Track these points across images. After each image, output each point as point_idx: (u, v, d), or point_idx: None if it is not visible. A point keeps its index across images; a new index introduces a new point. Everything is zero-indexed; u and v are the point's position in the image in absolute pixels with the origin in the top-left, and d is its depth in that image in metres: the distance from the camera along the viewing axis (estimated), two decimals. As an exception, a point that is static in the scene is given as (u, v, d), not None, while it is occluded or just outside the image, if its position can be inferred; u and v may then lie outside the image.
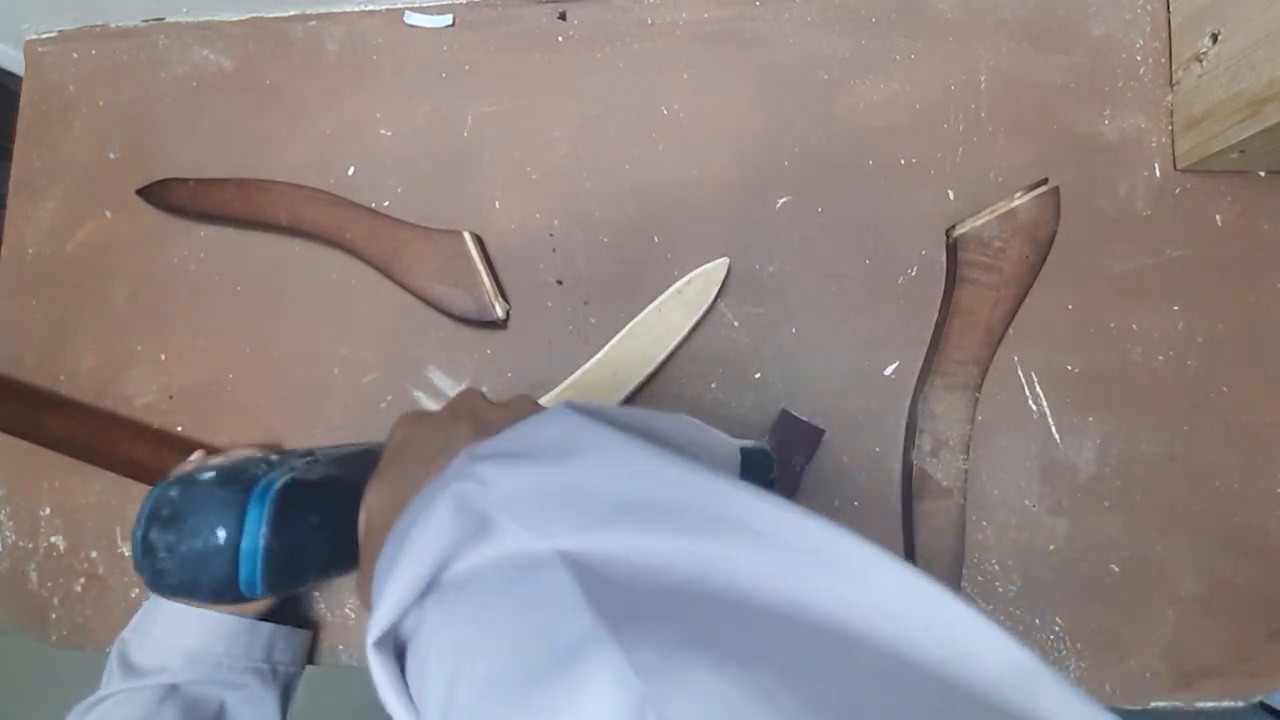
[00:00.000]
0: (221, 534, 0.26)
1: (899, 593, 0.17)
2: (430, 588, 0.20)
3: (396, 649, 0.20)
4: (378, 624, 0.20)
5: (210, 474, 0.28)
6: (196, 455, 0.52)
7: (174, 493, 0.27)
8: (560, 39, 0.56)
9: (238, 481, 0.28)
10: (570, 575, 0.17)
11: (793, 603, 0.17)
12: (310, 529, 0.28)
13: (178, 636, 0.44)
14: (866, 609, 0.16)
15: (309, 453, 0.31)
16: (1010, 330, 0.50)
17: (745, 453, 0.30)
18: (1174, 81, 0.51)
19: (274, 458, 0.30)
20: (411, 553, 0.20)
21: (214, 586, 0.27)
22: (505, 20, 0.57)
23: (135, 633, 0.45)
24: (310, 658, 0.52)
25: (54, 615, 0.56)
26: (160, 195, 0.57)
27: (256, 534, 0.27)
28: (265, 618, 0.47)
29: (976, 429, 0.50)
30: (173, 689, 0.43)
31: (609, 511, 0.19)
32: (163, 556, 0.27)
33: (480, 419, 0.28)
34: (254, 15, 0.60)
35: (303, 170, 0.57)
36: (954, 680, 0.15)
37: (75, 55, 0.61)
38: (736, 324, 0.52)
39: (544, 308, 0.54)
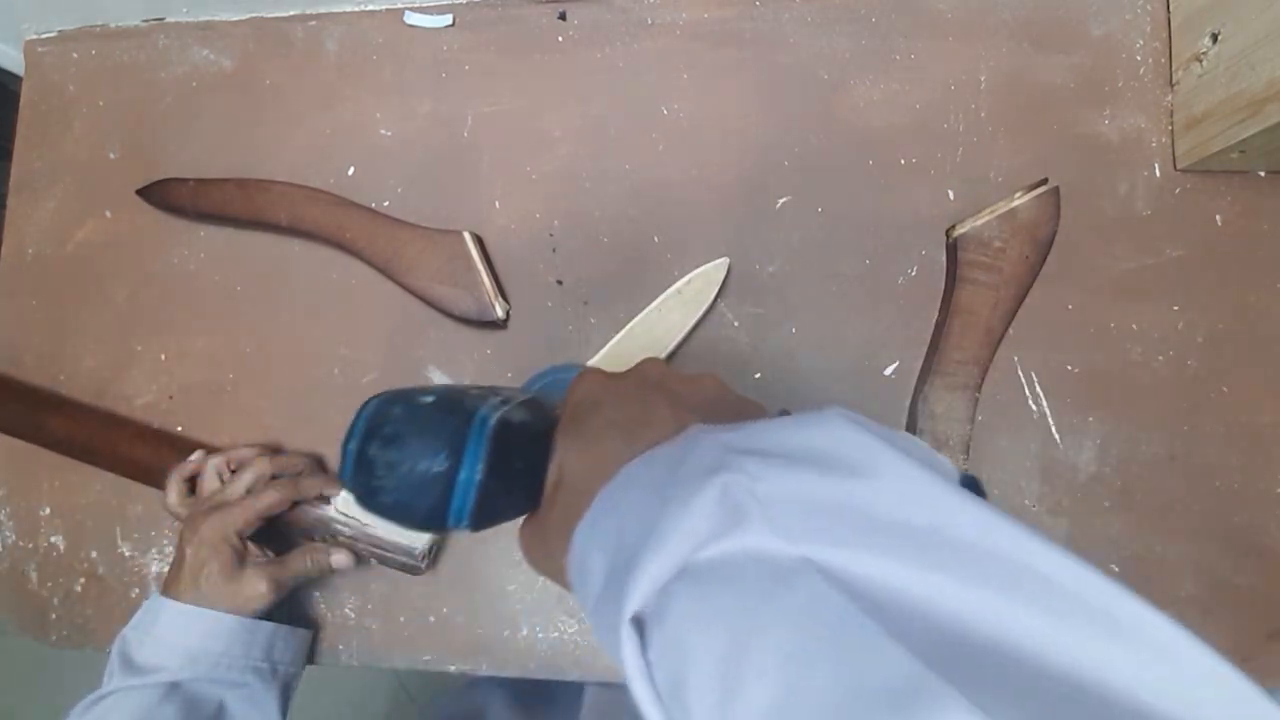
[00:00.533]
0: (443, 460, 0.26)
1: (1201, 679, 0.16)
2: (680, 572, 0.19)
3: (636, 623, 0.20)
4: (639, 597, 0.19)
5: (431, 398, 0.27)
6: (196, 455, 0.52)
7: (397, 410, 0.27)
8: (560, 39, 0.56)
9: (459, 411, 0.27)
10: (841, 594, 0.17)
11: (1088, 676, 0.15)
12: (515, 470, 0.28)
13: (178, 635, 0.44)
14: (1166, 693, 0.15)
15: (495, 390, 0.30)
16: (1010, 330, 0.50)
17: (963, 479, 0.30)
18: (1174, 81, 0.51)
19: (475, 391, 0.29)
20: (672, 533, 0.19)
21: (426, 512, 0.26)
22: (505, 20, 0.57)
23: (136, 631, 0.45)
24: (310, 657, 0.52)
25: (54, 615, 0.56)
26: (160, 195, 0.57)
27: (474, 466, 0.26)
28: (265, 617, 0.47)
29: (976, 429, 0.50)
30: (174, 687, 0.43)
31: (889, 536, 0.18)
32: (381, 474, 0.26)
33: (674, 393, 0.28)
34: (254, 15, 0.60)
35: (303, 170, 0.57)
36: None
37: (75, 55, 0.62)
38: (736, 324, 0.52)
39: (544, 308, 0.54)
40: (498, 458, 0.27)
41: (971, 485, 0.29)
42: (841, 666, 0.16)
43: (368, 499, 0.27)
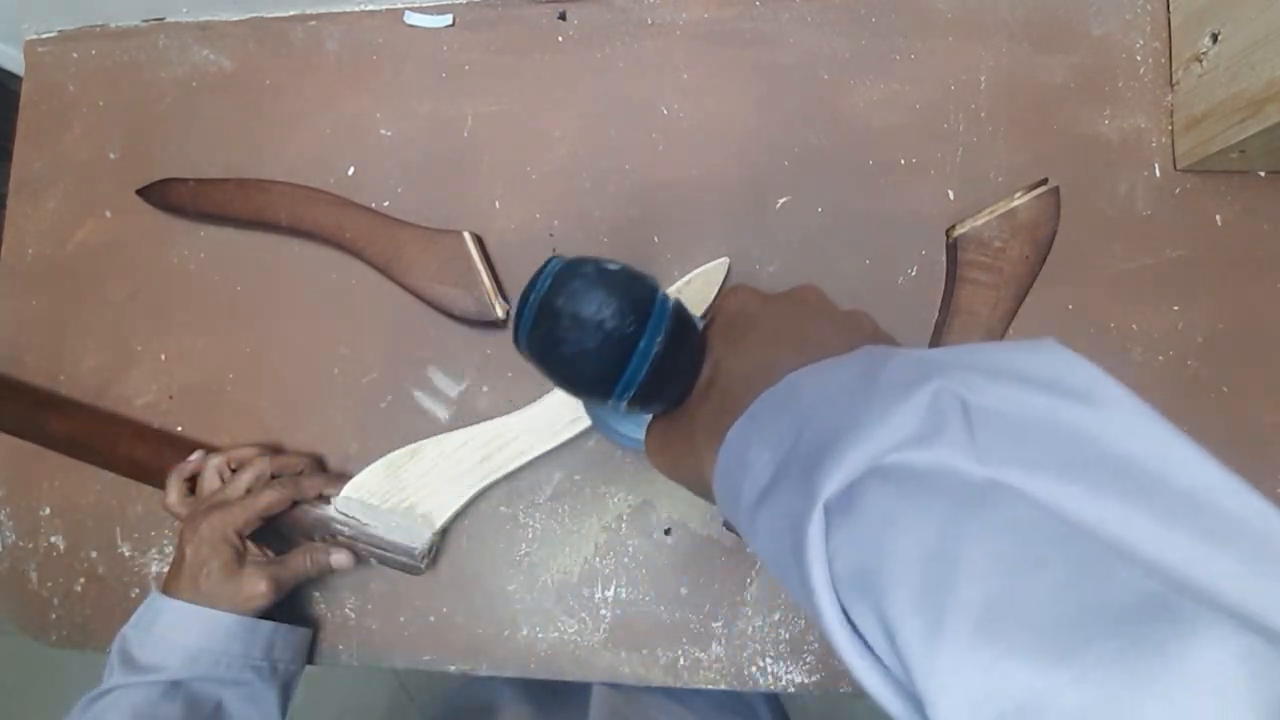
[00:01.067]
0: (630, 325, 0.26)
1: None
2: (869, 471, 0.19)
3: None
4: (830, 486, 0.19)
5: (617, 266, 0.27)
6: (196, 455, 0.52)
7: (588, 269, 0.27)
8: (560, 39, 0.56)
9: (644, 282, 0.27)
10: (1053, 516, 0.16)
11: None
12: (680, 356, 0.28)
13: (178, 634, 0.45)
14: None
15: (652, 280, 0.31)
16: (1010, 330, 0.50)
17: None
18: (1174, 81, 0.51)
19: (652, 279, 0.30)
20: (876, 429, 0.19)
21: (598, 373, 0.26)
22: (505, 20, 0.57)
23: (136, 629, 0.46)
24: (310, 658, 0.52)
25: (54, 615, 0.56)
26: (160, 195, 0.57)
27: (655, 338, 0.26)
28: (265, 616, 0.48)
29: (976, 429, 0.50)
30: (175, 685, 0.44)
31: (1105, 470, 0.17)
32: (566, 325, 0.26)
33: (837, 319, 0.29)
34: (254, 15, 0.60)
35: (303, 170, 0.57)
36: None
37: (75, 55, 0.62)
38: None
39: (544, 308, 0.54)
40: (674, 335, 0.27)
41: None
42: (1068, 576, 0.16)
43: (546, 349, 0.27)
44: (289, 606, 0.51)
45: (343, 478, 0.50)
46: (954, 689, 0.16)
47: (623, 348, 0.26)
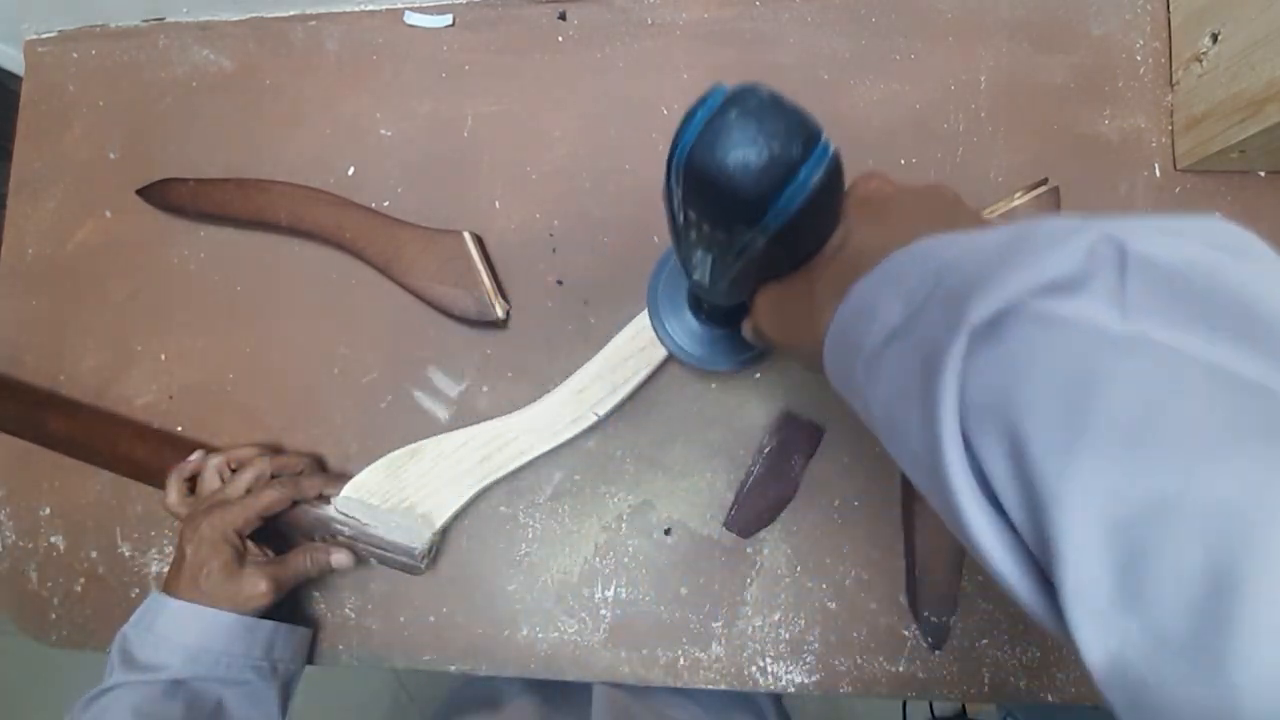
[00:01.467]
0: (798, 150, 0.26)
1: None
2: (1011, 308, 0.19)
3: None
4: (979, 309, 0.19)
5: (789, 100, 0.27)
6: (196, 455, 0.52)
7: (763, 92, 0.27)
8: (560, 39, 0.56)
9: (811, 121, 0.27)
10: (1200, 364, 0.16)
11: None
12: (831, 203, 0.28)
13: (179, 634, 0.45)
14: None
15: None
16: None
17: None
18: (1174, 81, 0.51)
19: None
20: (1030, 265, 0.19)
21: (758, 192, 0.26)
22: (505, 20, 0.57)
23: (136, 628, 0.46)
24: (310, 658, 0.52)
25: (54, 615, 0.56)
26: (160, 195, 0.57)
27: (816, 169, 0.26)
28: (265, 616, 0.48)
29: (976, 429, 0.50)
30: (176, 684, 0.44)
31: (1266, 329, 0.17)
32: (737, 135, 0.26)
33: (976, 214, 0.29)
34: (254, 15, 0.60)
35: (303, 170, 0.57)
36: None
37: (75, 55, 0.62)
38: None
39: (544, 308, 0.54)
40: (831, 178, 0.26)
41: None
42: (1218, 399, 0.15)
43: (714, 153, 0.26)
44: (289, 606, 0.51)
45: (343, 478, 0.50)
46: (1087, 488, 0.16)
47: (784, 171, 0.26)
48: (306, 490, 0.49)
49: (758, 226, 0.27)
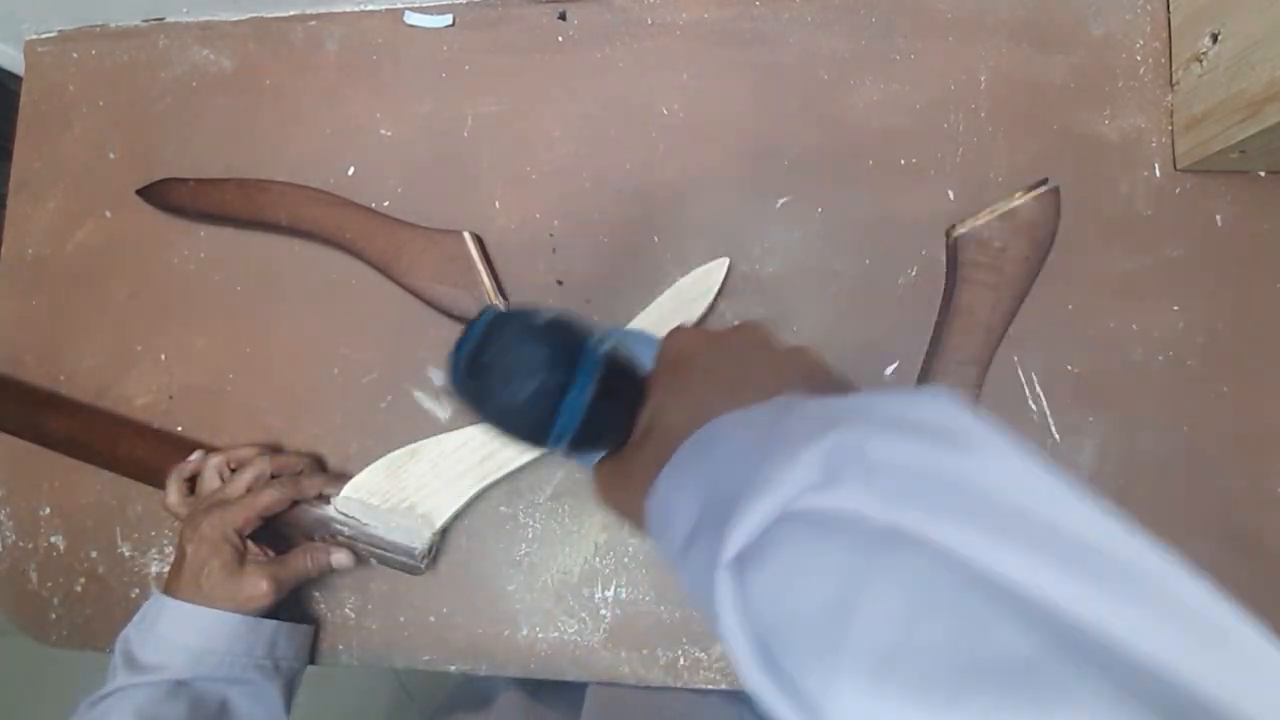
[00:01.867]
0: (556, 379, 0.27)
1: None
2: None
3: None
4: (737, 539, 0.20)
5: (548, 317, 0.28)
6: (196, 455, 0.52)
7: (517, 322, 0.28)
8: (560, 39, 0.56)
9: (573, 333, 0.28)
10: (946, 565, 0.17)
11: (1191, 683, 0.15)
12: (614, 403, 0.29)
13: (181, 634, 0.45)
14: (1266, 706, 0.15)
15: (599, 333, 0.31)
16: (1010, 330, 0.50)
17: None
18: (1174, 81, 0.51)
19: (581, 323, 0.30)
20: (778, 479, 0.20)
21: (529, 425, 0.27)
22: (505, 20, 0.57)
23: (138, 630, 0.46)
24: (310, 658, 0.52)
25: (54, 615, 0.56)
26: (160, 195, 0.57)
27: (583, 391, 0.27)
28: (267, 615, 0.48)
29: (976, 429, 0.50)
30: (179, 685, 0.44)
31: (997, 517, 0.18)
32: (496, 379, 0.27)
33: (776, 358, 0.29)
34: (254, 15, 0.60)
35: (303, 170, 0.57)
36: None
37: (75, 55, 0.62)
38: (736, 324, 0.52)
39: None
40: (605, 385, 0.27)
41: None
42: (956, 629, 0.16)
43: (478, 402, 0.27)
44: (290, 605, 0.51)
45: (343, 478, 0.50)
46: (845, 710, 0.17)
47: (553, 400, 0.27)
48: (306, 490, 0.49)
49: (546, 445, 0.28)
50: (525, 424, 0.27)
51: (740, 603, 0.20)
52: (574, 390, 0.27)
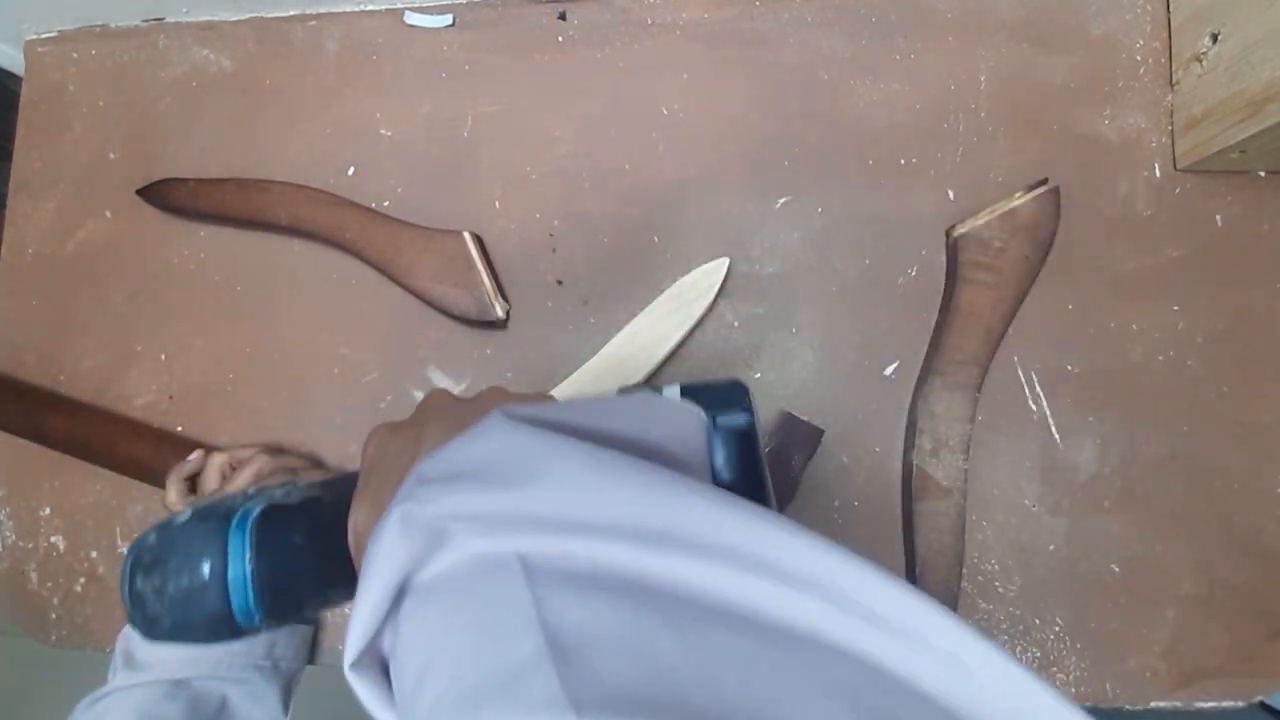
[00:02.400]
0: (206, 567, 0.26)
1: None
2: (401, 597, 0.20)
3: (382, 665, 0.20)
4: (351, 648, 0.20)
5: (186, 514, 0.27)
6: (195, 455, 0.52)
7: (152, 539, 0.27)
8: (560, 39, 0.56)
9: (215, 515, 0.27)
10: (524, 582, 0.17)
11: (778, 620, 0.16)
12: (296, 550, 0.28)
13: None
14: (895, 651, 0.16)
15: (287, 481, 0.31)
16: (1010, 330, 0.50)
17: (717, 421, 0.28)
18: (1174, 81, 0.51)
19: (251, 491, 0.30)
20: (369, 573, 0.20)
21: (209, 622, 0.26)
22: (505, 20, 0.57)
23: None
24: (311, 657, 0.52)
25: (54, 615, 0.56)
26: (160, 195, 0.57)
27: (242, 561, 0.26)
28: None
29: (976, 429, 0.50)
30: (177, 684, 0.44)
31: (565, 530, 0.19)
32: (152, 602, 0.26)
33: (450, 421, 0.27)
34: (254, 15, 0.60)
35: (303, 170, 0.57)
36: None
37: (75, 55, 0.61)
38: (736, 324, 0.52)
39: (544, 308, 0.54)
40: (269, 544, 0.26)
41: (736, 391, 0.28)
42: (491, 649, 0.16)
43: (150, 630, 0.26)
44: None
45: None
46: None
47: (214, 590, 0.26)
48: None
49: (242, 632, 0.27)
50: (203, 626, 0.26)
51: (374, 699, 0.20)
52: (230, 568, 0.25)
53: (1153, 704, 0.47)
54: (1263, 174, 0.50)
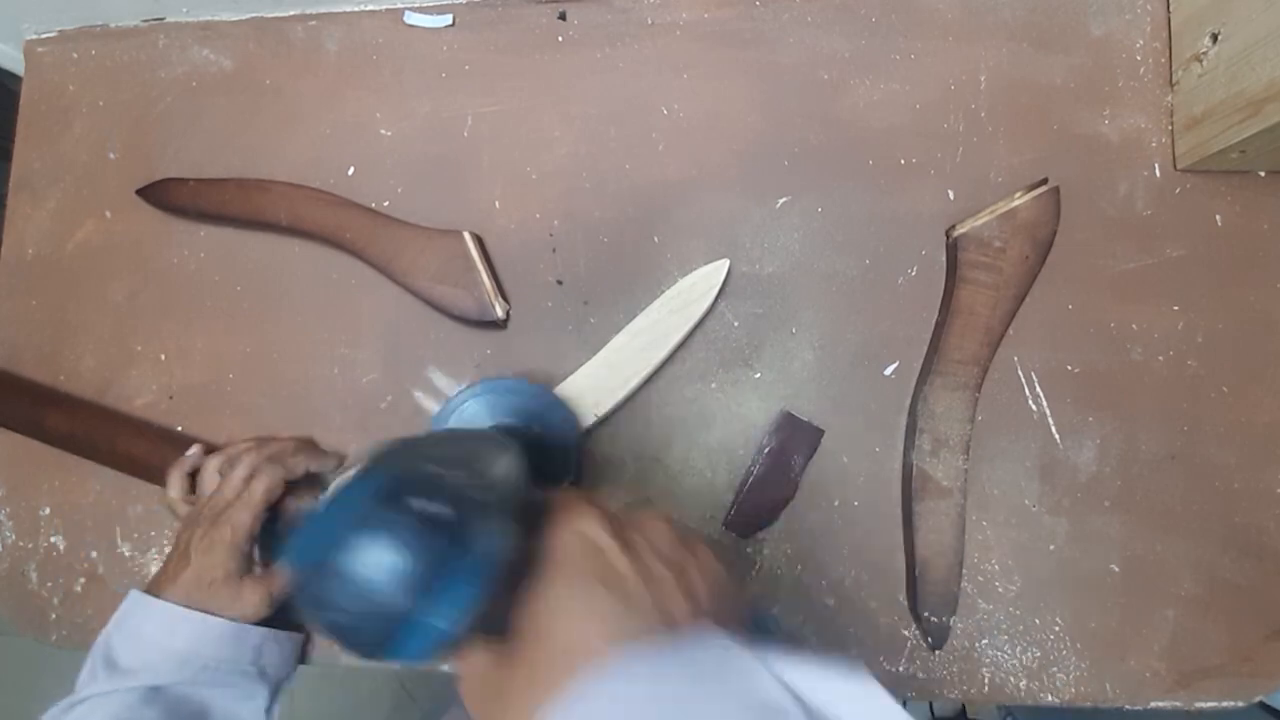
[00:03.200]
0: (404, 600, 0.22)
1: None
2: None
3: None
4: None
5: (437, 508, 0.23)
6: (194, 450, 0.52)
7: (391, 516, 0.23)
8: (560, 39, 0.56)
9: (459, 540, 0.23)
10: None
11: None
12: (496, 596, 0.24)
13: (168, 638, 0.43)
14: None
15: (477, 473, 0.27)
16: (1010, 330, 0.50)
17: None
18: (1174, 81, 0.51)
19: (471, 485, 0.25)
20: None
21: (373, 647, 0.23)
22: (505, 20, 0.57)
23: (120, 632, 0.44)
24: (304, 658, 0.52)
25: (54, 615, 0.56)
26: (160, 195, 0.57)
27: (455, 616, 0.22)
28: (260, 621, 0.47)
29: (976, 429, 0.50)
30: (155, 690, 0.42)
31: None
32: (342, 596, 0.23)
33: (685, 574, 0.26)
34: (254, 15, 0.60)
35: (303, 170, 0.57)
36: None
37: (75, 55, 0.62)
38: (736, 324, 0.52)
39: (544, 308, 0.54)
40: (468, 611, 0.23)
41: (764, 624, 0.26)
42: None
43: (316, 614, 0.23)
44: (283, 610, 0.51)
45: (331, 454, 0.50)
46: None
47: (394, 625, 0.22)
48: (294, 467, 0.49)
49: (398, 661, 0.24)
50: (368, 648, 0.23)
51: None
52: (429, 616, 0.22)
53: (1152, 704, 0.47)
54: (1263, 174, 0.50)
